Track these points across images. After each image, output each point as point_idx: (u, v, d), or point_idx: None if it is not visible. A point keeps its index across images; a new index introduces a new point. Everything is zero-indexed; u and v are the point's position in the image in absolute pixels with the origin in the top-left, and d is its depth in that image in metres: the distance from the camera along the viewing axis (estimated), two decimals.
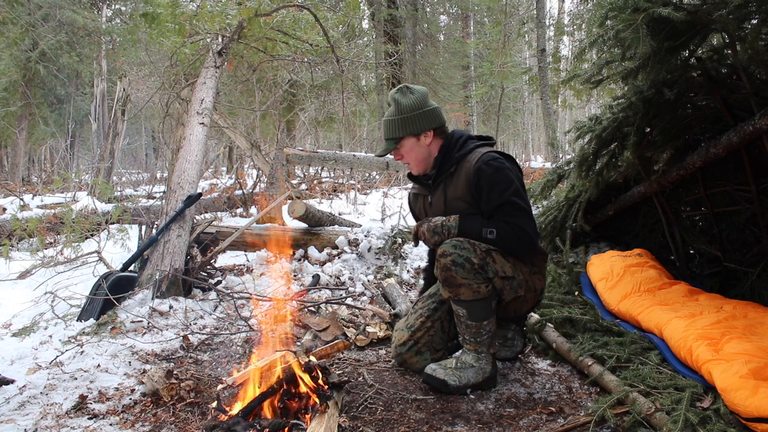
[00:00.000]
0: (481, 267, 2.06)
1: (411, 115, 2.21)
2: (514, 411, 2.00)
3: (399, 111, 2.23)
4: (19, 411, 1.94)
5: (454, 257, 2.06)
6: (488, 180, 2.10)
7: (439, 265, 2.10)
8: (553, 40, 14.16)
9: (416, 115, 2.22)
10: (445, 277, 2.09)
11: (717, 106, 2.84)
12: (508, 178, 2.11)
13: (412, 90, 2.26)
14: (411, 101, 2.23)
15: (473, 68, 16.69)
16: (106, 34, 13.12)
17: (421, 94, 2.26)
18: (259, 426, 1.73)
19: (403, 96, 2.24)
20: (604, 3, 2.58)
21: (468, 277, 2.05)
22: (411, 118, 2.21)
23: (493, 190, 2.10)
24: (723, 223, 3.18)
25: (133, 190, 8.90)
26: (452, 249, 2.07)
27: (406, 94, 2.25)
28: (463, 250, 2.06)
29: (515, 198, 2.09)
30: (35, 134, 14.30)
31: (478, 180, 2.12)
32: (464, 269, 2.05)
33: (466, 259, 2.05)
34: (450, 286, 2.10)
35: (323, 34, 5.45)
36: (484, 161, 2.13)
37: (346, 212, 7.46)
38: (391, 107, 2.26)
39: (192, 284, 3.31)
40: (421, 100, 2.24)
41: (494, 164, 2.12)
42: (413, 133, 2.23)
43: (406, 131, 2.22)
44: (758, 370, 1.84)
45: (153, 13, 5.96)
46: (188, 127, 4.18)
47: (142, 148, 20.02)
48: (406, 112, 2.22)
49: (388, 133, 2.27)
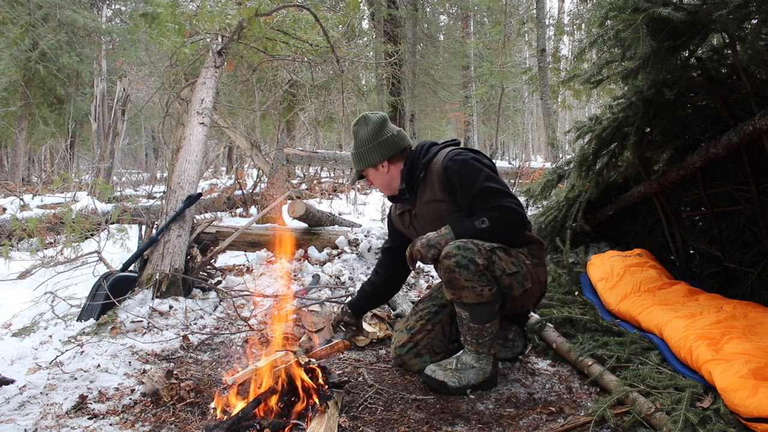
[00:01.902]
0: (486, 267, 2.05)
1: (366, 149, 2.31)
2: (514, 411, 2.00)
3: (356, 145, 2.34)
4: (19, 411, 1.94)
5: (458, 258, 2.04)
6: (457, 175, 2.16)
7: (443, 267, 2.08)
8: (553, 40, 14.16)
9: (370, 148, 2.30)
10: (449, 279, 2.07)
11: (717, 106, 2.84)
12: (475, 167, 2.16)
13: (368, 121, 2.33)
14: (365, 134, 2.31)
15: (473, 68, 16.70)
16: (106, 34, 13.12)
17: (376, 124, 2.31)
18: (259, 426, 1.73)
19: (359, 129, 2.33)
20: (604, 3, 2.58)
21: (472, 279, 2.04)
22: (366, 151, 2.31)
23: (465, 183, 2.15)
24: (723, 223, 3.18)
25: (133, 190, 8.90)
26: (456, 250, 2.05)
27: (362, 126, 2.33)
28: (467, 251, 2.04)
29: (488, 183, 2.13)
30: (35, 134, 14.30)
31: (448, 177, 2.18)
32: (468, 271, 2.03)
33: (470, 260, 2.03)
34: (453, 288, 2.08)
35: (323, 34, 5.45)
36: (448, 159, 2.20)
37: (346, 212, 7.47)
38: (353, 140, 2.37)
39: (192, 284, 3.31)
40: (376, 131, 2.30)
41: (459, 159, 2.18)
42: (370, 164, 2.33)
43: (364, 164, 2.33)
44: (758, 370, 1.84)
45: (153, 13, 5.96)
46: (188, 127, 4.18)
47: (142, 148, 20.02)
48: (361, 146, 2.31)
49: (355, 165, 2.40)
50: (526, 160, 16.60)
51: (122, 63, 11.93)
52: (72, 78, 13.25)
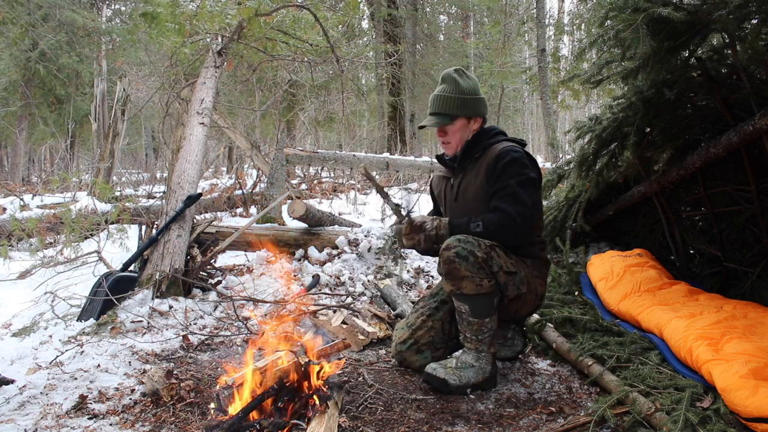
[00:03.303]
0: (485, 261, 2.08)
1: (470, 98, 2.29)
2: (514, 411, 2.00)
3: (459, 90, 2.28)
4: (19, 411, 1.94)
5: (458, 250, 2.07)
6: (503, 166, 2.19)
7: (442, 258, 2.12)
8: (552, 40, 14.16)
9: (474, 99, 2.30)
10: (449, 270, 2.10)
11: (717, 106, 2.84)
12: (520, 169, 2.18)
13: (469, 75, 2.34)
14: (470, 85, 2.30)
15: (473, 68, 16.69)
16: (105, 34, 13.10)
17: (477, 81, 2.36)
18: (259, 426, 1.73)
19: (461, 78, 2.31)
20: (604, 3, 2.58)
21: (471, 270, 2.07)
22: (469, 100, 2.29)
23: (502, 176, 2.18)
24: (723, 223, 3.18)
25: (133, 190, 8.89)
26: (456, 242, 2.09)
27: (463, 76, 2.32)
28: (467, 243, 2.08)
29: (517, 188, 2.14)
30: (35, 134, 14.29)
31: (495, 163, 2.21)
32: (468, 262, 2.06)
33: (470, 252, 2.07)
34: (453, 279, 2.10)
35: (323, 34, 5.45)
36: (505, 150, 2.22)
37: (346, 212, 7.46)
38: (448, 85, 2.30)
39: (192, 284, 3.31)
40: (478, 86, 2.34)
41: (513, 155, 2.20)
42: (468, 114, 2.30)
43: (463, 111, 2.29)
44: (758, 370, 1.84)
45: (153, 12, 5.95)
46: (188, 127, 4.18)
47: (142, 148, 19.99)
48: (466, 93, 2.28)
49: (443, 108, 2.30)
50: None
51: (122, 63, 11.91)
52: (72, 78, 13.24)
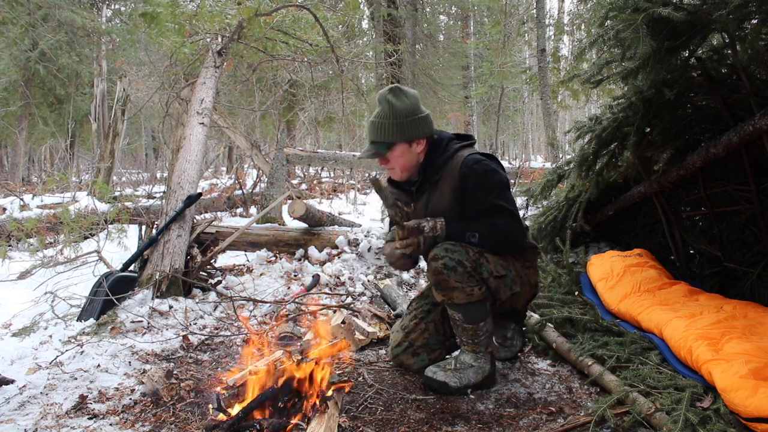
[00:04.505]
0: (474, 269, 2.05)
1: (405, 121, 2.10)
2: (514, 411, 2.00)
3: (393, 114, 2.10)
4: (19, 411, 1.94)
5: (445, 261, 2.03)
6: (474, 183, 2.07)
7: (431, 269, 2.08)
8: (553, 40, 14.15)
9: (411, 121, 2.11)
10: (438, 281, 2.07)
11: (717, 106, 2.84)
12: (493, 180, 2.09)
13: (406, 93, 2.14)
14: (406, 105, 2.11)
15: (473, 68, 16.70)
16: (105, 34, 13.10)
17: (415, 98, 2.15)
18: (259, 426, 1.73)
19: (397, 98, 2.12)
20: (604, 3, 2.58)
21: (461, 280, 2.04)
22: (407, 124, 2.10)
23: (478, 195, 2.08)
24: (723, 223, 3.18)
25: (133, 190, 8.89)
26: (443, 252, 2.04)
27: (399, 96, 2.12)
28: (455, 253, 2.04)
29: (499, 201, 2.08)
30: (35, 134, 14.29)
31: (464, 184, 2.09)
32: (456, 272, 2.03)
33: (458, 263, 2.03)
34: (443, 289, 2.08)
35: (323, 34, 5.45)
36: (467, 165, 2.08)
37: (346, 212, 7.47)
38: (383, 109, 2.13)
39: (192, 284, 3.31)
40: (416, 105, 2.14)
41: (478, 168, 2.08)
42: (406, 139, 2.12)
43: (400, 137, 2.11)
44: (758, 370, 1.84)
45: (152, 12, 5.96)
46: (188, 127, 4.18)
47: (142, 148, 20.00)
48: (400, 116, 2.10)
49: (378, 136, 2.13)
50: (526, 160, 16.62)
51: (122, 63, 11.93)
52: (72, 78, 13.24)
